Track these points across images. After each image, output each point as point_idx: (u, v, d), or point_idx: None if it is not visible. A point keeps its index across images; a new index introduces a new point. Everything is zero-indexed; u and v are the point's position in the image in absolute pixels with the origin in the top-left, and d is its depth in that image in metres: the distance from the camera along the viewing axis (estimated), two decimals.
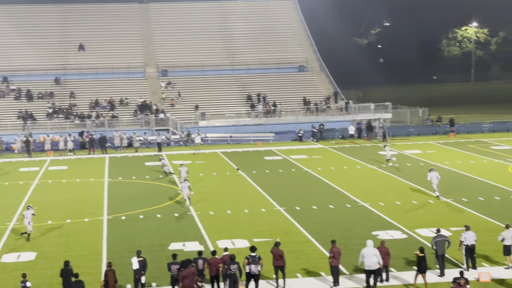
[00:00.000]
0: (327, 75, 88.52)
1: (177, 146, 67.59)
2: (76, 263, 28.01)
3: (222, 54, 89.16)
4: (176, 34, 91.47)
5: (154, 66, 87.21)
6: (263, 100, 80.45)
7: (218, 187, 46.32)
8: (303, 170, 51.91)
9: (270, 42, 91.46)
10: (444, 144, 63.64)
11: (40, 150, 64.48)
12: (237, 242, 32.34)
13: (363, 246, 30.36)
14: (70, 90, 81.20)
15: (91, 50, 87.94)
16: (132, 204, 41.15)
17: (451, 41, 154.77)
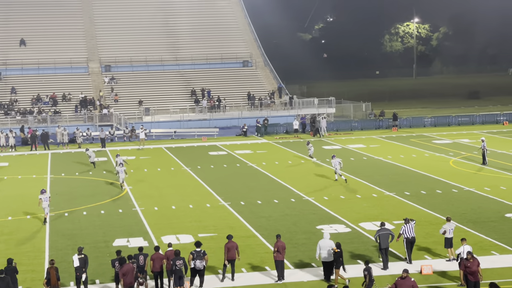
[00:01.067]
0: (271, 70, 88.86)
1: (121, 141, 67.10)
2: (19, 260, 27.62)
3: (166, 49, 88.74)
4: (119, 29, 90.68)
5: (97, 61, 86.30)
6: (208, 95, 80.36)
7: (162, 182, 46.15)
8: (248, 165, 52.07)
9: (214, 37, 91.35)
10: (387, 138, 64.52)
11: None
12: (182, 237, 32.32)
13: (308, 240, 30.77)
14: (11, 85, 79.85)
15: (33, 45, 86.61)
16: (75, 201, 40.75)
17: (393, 37, 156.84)
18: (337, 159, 44.84)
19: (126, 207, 38.84)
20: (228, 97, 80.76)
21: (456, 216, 33.88)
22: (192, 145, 63.87)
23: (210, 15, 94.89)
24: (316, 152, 56.58)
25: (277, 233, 27.90)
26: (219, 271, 27.36)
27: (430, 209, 36.47)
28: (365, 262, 24.79)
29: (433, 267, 27.01)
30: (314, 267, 27.69)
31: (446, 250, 28.37)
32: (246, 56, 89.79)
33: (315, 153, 54.12)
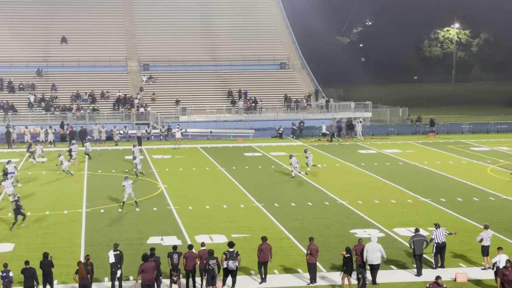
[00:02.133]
0: (308, 72, 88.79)
1: (157, 140, 67.54)
2: (54, 255, 27.98)
3: (205, 50, 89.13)
4: (159, 29, 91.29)
5: (136, 60, 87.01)
6: (244, 96, 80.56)
7: (197, 182, 46.36)
8: (283, 167, 52.08)
9: (252, 38, 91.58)
10: (424, 144, 64.08)
11: (21, 142, 64.21)
12: (215, 237, 32.45)
13: (340, 244, 30.72)
14: (52, 82, 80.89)
15: (74, 43, 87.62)
16: (111, 198, 41.13)
17: (432, 42, 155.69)
18: (294, 158, 47.41)
19: (161, 206, 39.11)
20: (264, 98, 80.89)
21: (493, 224, 33.47)
22: (228, 145, 64.08)
23: (249, 16, 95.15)
24: (351, 156, 56.46)
25: (310, 236, 27.92)
26: (251, 272, 27.45)
27: (466, 217, 36.15)
28: (359, 266, 24.77)
29: (468, 275, 26.77)
30: None
31: (481, 258, 28.10)
32: (284, 58, 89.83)
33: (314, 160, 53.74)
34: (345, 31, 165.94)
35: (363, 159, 55.18)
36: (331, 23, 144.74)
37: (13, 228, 33.90)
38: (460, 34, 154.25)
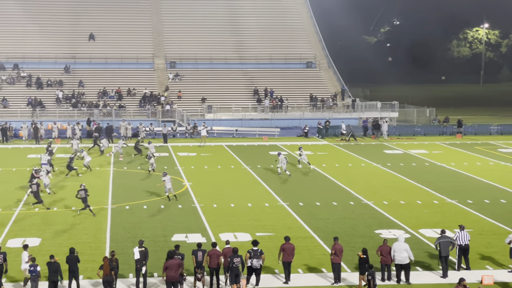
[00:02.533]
0: (334, 72, 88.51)
1: (183, 138, 67.73)
2: (80, 250, 28.14)
3: (231, 48, 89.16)
4: (185, 26, 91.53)
5: (162, 58, 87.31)
6: (270, 95, 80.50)
7: (222, 180, 46.41)
8: (308, 166, 51.92)
9: (279, 37, 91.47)
10: (451, 145, 63.61)
11: (48, 138, 64.70)
12: (240, 235, 32.45)
13: (365, 244, 30.53)
14: (79, 79, 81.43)
15: (101, 40, 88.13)
16: (137, 194, 41.31)
17: (461, 42, 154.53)
18: (282, 156, 48.00)
19: (186, 203, 39.19)
20: (290, 97, 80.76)
21: None
22: (253, 144, 64.08)
23: (276, 15, 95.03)
24: (377, 156, 56.21)
25: (335, 236, 27.82)
26: (275, 270, 27.41)
27: (493, 219, 35.80)
28: (369, 267, 24.63)
29: (495, 277, 26.51)
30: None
31: (509, 260, 27.81)
32: (310, 57, 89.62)
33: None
34: (372, 31, 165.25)
35: (389, 159, 54.91)
36: (359, 23, 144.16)
37: (78, 212, 36.06)
38: (490, 35, 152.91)
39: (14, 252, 29.31)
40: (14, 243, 30.90)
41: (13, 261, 27.77)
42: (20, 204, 38.53)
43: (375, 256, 27.57)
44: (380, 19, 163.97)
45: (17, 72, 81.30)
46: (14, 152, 58.57)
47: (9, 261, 26.26)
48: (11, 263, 26.86)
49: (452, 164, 52.67)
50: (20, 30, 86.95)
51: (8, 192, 41.96)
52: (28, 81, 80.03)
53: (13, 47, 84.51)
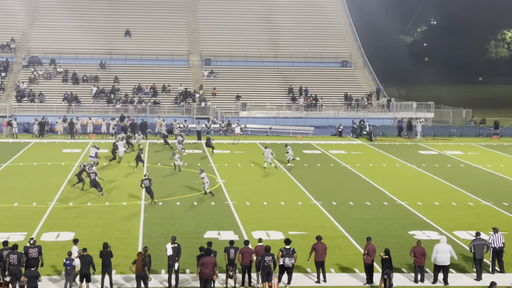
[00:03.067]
0: (370, 71, 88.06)
1: (217, 135, 67.83)
2: (113, 245, 28.30)
3: (266, 46, 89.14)
4: (221, 24, 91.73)
5: (197, 55, 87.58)
6: (305, 94, 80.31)
7: (255, 178, 46.39)
8: (342, 165, 51.75)
9: (314, 35, 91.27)
10: (487, 147, 62.91)
11: (83, 133, 65.30)
12: (272, 233, 32.38)
13: (398, 245, 30.34)
14: (115, 74, 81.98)
15: (137, 36, 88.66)
16: (170, 191, 41.45)
17: (499, 43, 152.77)
18: (269, 149, 49.26)
19: (219, 200, 39.23)
20: (325, 96, 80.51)
21: None
22: (287, 142, 63.85)
23: (312, 13, 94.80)
24: (412, 156, 55.80)
25: (368, 236, 27.64)
26: (307, 269, 27.31)
27: None
28: (385, 266, 24.38)
29: None
30: (405, 272, 27.28)
31: None
32: (346, 56, 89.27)
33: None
34: (409, 30, 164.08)
35: (424, 160, 54.45)
36: (395, 22, 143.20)
37: (153, 202, 37.75)
38: None
39: (48, 246, 29.62)
40: (49, 237, 31.18)
41: (47, 255, 28.05)
42: (55, 198, 38.89)
43: (408, 257, 27.38)
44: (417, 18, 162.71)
45: (54, 67, 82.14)
46: (49, 146, 59.19)
47: (44, 254, 26.47)
48: (45, 257, 27.10)
49: (488, 166, 52.07)
50: (58, 26, 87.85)
51: (43, 186, 42.37)
52: (64, 76, 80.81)
53: (50, 43, 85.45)
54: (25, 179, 44.23)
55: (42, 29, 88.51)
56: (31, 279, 23.22)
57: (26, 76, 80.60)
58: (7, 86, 78.98)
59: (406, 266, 27.89)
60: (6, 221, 34.03)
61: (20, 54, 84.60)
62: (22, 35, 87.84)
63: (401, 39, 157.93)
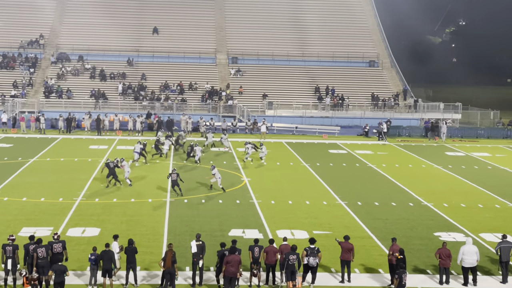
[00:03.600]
0: (397, 71, 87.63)
1: (243, 133, 67.88)
2: (138, 242, 28.44)
3: (294, 44, 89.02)
4: (248, 22, 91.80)
5: (224, 53, 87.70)
6: (331, 93, 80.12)
7: (281, 177, 46.36)
8: (367, 165, 51.57)
9: (342, 35, 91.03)
10: None
11: (110, 129, 65.66)
12: (297, 233, 32.35)
13: (424, 246, 30.18)
14: (142, 72, 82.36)
15: (165, 34, 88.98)
16: (195, 188, 41.56)
17: None
18: (250, 145, 50.96)
19: (244, 199, 39.26)
20: (351, 96, 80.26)
21: None
22: (313, 141, 63.86)
23: (340, 13, 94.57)
24: (438, 158, 55.46)
25: (393, 237, 27.52)
26: (332, 269, 27.25)
27: None
28: (399, 266, 24.30)
29: None
30: (430, 274, 27.13)
31: None
32: (373, 56, 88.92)
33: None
34: (437, 31, 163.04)
35: (451, 161, 54.10)
36: (423, 22, 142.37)
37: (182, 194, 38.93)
38: None
39: (74, 241, 29.84)
40: (74, 232, 31.41)
41: (73, 250, 28.27)
42: (81, 194, 39.15)
43: (433, 259, 27.23)
44: (446, 19, 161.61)
45: (82, 64, 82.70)
46: (76, 142, 59.61)
47: (69, 249, 26.68)
48: (71, 252, 27.32)
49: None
50: (86, 23, 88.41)
51: (69, 182, 42.67)
52: (92, 73, 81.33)
53: (78, 39, 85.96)
54: (52, 175, 44.59)
55: (71, 25, 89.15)
56: (58, 273, 23.41)
57: (54, 72, 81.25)
58: (35, 82, 79.69)
59: (431, 267, 27.75)
60: (33, 215, 34.34)
61: (49, 50, 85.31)
62: (51, 31, 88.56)
63: (429, 39, 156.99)
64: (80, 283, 25.33)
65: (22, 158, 50.41)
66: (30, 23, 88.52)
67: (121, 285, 25.28)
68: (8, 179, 42.44)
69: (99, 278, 25.05)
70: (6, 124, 65.24)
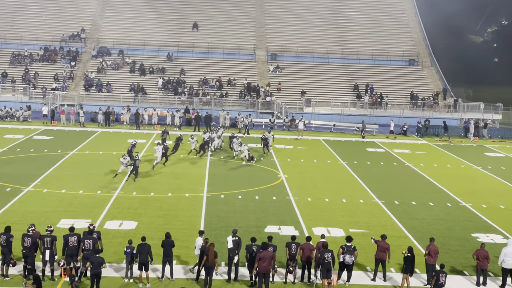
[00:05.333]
0: (437, 70, 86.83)
1: (280, 130, 67.85)
2: (175, 236, 28.59)
3: (333, 42, 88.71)
4: (288, 19, 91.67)
5: (264, 49, 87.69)
6: (370, 91, 79.68)
7: (318, 174, 46.26)
8: (405, 164, 51.22)
9: (382, 33, 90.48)
10: None
11: (148, 124, 66.09)
12: (333, 230, 32.28)
13: (461, 247, 29.90)
14: (181, 67, 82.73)
15: (204, 29, 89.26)
16: (232, 184, 41.67)
17: None
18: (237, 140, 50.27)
19: (280, 195, 39.26)
20: (390, 94, 79.72)
21: None
22: (350, 139, 63.60)
23: (380, 11, 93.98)
24: (478, 158, 54.86)
25: (430, 237, 27.31)
26: (367, 268, 27.14)
27: None
28: (440, 266, 24.23)
29: None
30: (466, 275, 26.88)
31: None
32: (413, 54, 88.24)
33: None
34: (478, 30, 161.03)
35: (490, 162, 53.49)
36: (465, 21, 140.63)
37: None
38: None
39: (111, 234, 30.13)
40: (112, 225, 31.69)
41: (110, 243, 28.56)
42: (119, 187, 39.49)
43: (470, 260, 26.98)
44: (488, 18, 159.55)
45: (122, 58, 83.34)
46: (115, 136, 60.12)
47: (106, 242, 26.92)
48: (108, 244, 27.57)
49: None
50: (127, 17, 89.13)
51: (108, 175, 43.04)
52: (131, 67, 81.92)
53: (119, 34, 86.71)
54: (90, 168, 45.02)
55: (112, 19, 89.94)
56: (96, 265, 23.63)
57: (94, 66, 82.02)
58: (76, 76, 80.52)
59: (468, 268, 27.49)
60: (72, 208, 34.73)
61: (90, 44, 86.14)
62: (92, 25, 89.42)
63: (470, 38, 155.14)
64: (116, 276, 25.56)
65: (62, 150, 51.01)
66: (72, 17, 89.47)
67: (157, 278, 25.46)
68: (47, 171, 42.97)
69: (135, 271, 25.25)
70: (47, 116, 66.08)
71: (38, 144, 53.85)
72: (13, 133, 58.48)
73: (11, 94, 74.97)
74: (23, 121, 65.75)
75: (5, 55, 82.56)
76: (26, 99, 73.46)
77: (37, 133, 59.54)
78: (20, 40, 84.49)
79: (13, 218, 31.99)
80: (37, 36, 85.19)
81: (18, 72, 79.43)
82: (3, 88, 75.85)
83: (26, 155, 48.67)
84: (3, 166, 44.59)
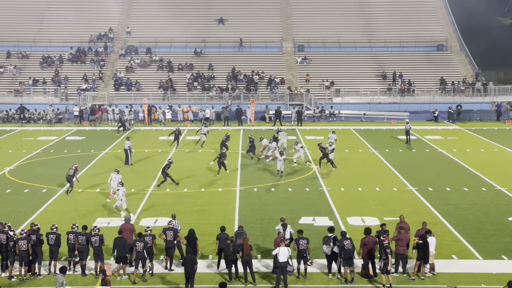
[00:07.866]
0: (466, 55, 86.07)
1: (310, 121, 67.70)
2: (209, 231, 28.77)
3: (360, 31, 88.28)
4: (314, 9, 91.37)
5: (290, 41, 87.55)
6: (400, 79, 79.18)
7: (350, 164, 46.14)
8: (438, 151, 50.90)
9: (409, 19, 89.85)
10: None
11: (173, 120, 66.40)
12: (367, 219, 32.20)
13: (498, 232, 29.67)
14: (209, 62, 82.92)
15: (230, 24, 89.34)
16: (264, 177, 41.72)
17: None
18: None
19: (313, 186, 39.24)
20: (419, 81, 79.17)
21: None
22: (381, 128, 63.33)
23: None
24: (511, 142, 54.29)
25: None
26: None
27: None
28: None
29: None
30: (505, 259, 26.67)
31: None
32: (442, 39, 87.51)
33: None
34: (507, 12, 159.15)
35: None
36: (492, 3, 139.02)
37: None
38: None
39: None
40: (147, 222, 31.89)
41: None
42: (152, 184, 39.74)
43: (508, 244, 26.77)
44: None
45: (150, 56, 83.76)
46: (146, 133, 60.36)
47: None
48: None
49: None
50: (153, 15, 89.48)
51: (141, 172, 43.36)
52: (159, 64, 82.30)
53: (146, 32, 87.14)
54: (123, 166, 45.29)
55: (138, 18, 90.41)
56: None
57: (123, 65, 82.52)
58: (105, 75, 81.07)
59: (506, 252, 27.26)
60: (107, 206, 35.01)
61: (118, 43, 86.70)
62: (119, 25, 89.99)
63: (499, 21, 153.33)
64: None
65: (95, 150, 51.45)
66: (99, 17, 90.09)
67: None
68: (81, 171, 43.35)
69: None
70: (78, 117, 66.67)
71: (71, 144, 54.39)
72: (46, 135, 59.16)
73: (43, 96, 75.79)
74: (55, 122, 66.45)
75: (36, 58, 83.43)
76: (57, 100, 74.15)
77: (70, 133, 60.14)
78: (49, 43, 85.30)
79: (51, 218, 32.33)
80: (65, 38, 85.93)
81: (48, 74, 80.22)
82: (34, 91, 76.70)
83: (60, 156, 49.18)
84: (39, 167, 45.14)
